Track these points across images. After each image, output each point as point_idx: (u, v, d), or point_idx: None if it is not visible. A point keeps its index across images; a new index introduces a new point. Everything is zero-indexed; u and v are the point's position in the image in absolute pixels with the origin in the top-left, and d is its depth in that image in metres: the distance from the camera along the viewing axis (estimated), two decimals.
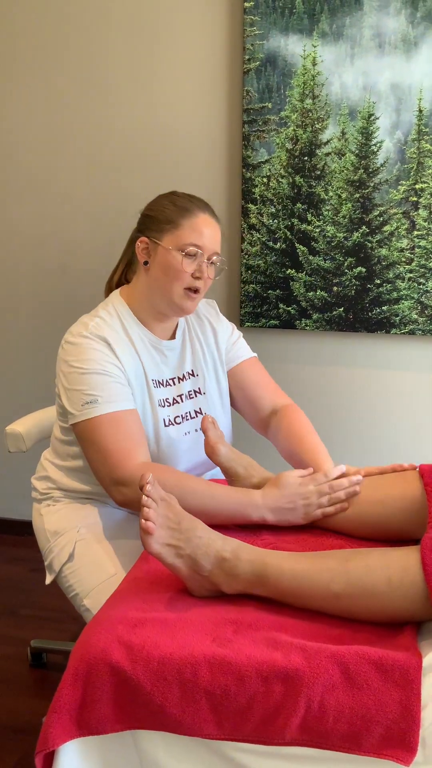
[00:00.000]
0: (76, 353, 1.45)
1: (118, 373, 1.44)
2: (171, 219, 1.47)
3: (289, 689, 0.99)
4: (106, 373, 1.43)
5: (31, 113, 2.30)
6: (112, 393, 1.42)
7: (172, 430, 1.53)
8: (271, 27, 2.04)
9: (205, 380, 1.60)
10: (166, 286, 1.47)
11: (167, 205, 1.50)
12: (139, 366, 1.51)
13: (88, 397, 1.41)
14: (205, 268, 1.47)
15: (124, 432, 1.39)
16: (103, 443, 1.39)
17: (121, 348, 1.47)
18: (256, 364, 1.69)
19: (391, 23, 1.99)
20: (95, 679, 1.03)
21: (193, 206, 1.48)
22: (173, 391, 1.55)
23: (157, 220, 1.49)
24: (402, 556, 1.12)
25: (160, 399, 1.53)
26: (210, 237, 1.47)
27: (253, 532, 1.38)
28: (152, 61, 2.17)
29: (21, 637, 2.09)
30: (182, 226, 1.46)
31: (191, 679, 1.01)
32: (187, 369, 1.59)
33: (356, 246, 2.14)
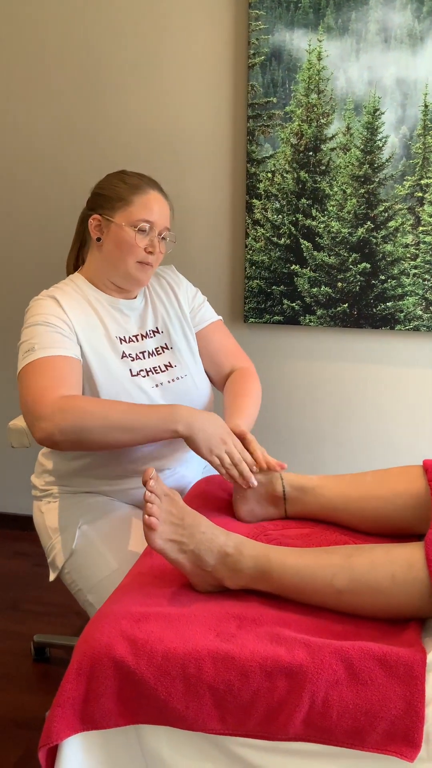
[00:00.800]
0: (28, 314, 1.51)
1: (61, 325, 1.48)
2: (122, 196, 1.52)
3: (292, 685, 0.99)
4: (47, 324, 1.47)
5: (34, 109, 2.29)
6: (48, 340, 1.44)
7: (141, 381, 1.54)
8: (276, 21, 2.03)
9: (171, 336, 1.63)
10: (120, 260, 1.52)
11: (118, 183, 1.54)
12: (97, 322, 1.54)
13: (28, 345, 1.45)
14: (157, 243, 1.52)
15: (51, 374, 1.41)
16: (30, 385, 1.40)
17: (72, 306, 1.51)
18: (220, 327, 1.73)
19: (397, 18, 1.98)
20: (99, 673, 1.03)
21: (143, 184, 1.53)
22: (138, 346, 1.58)
23: (109, 198, 1.53)
24: (406, 552, 1.12)
25: (125, 352, 1.55)
26: (160, 213, 1.52)
27: (257, 528, 1.38)
28: (157, 56, 2.17)
29: (24, 631, 2.09)
30: (133, 203, 1.51)
31: (195, 674, 1.01)
32: (150, 327, 1.62)
33: (361, 242, 2.14)
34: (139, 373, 1.55)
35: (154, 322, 1.63)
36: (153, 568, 1.26)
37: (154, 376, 1.56)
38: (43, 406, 1.35)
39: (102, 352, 1.52)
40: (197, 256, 2.27)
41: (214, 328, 1.71)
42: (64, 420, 1.33)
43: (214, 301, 2.00)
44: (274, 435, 2.37)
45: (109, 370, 1.51)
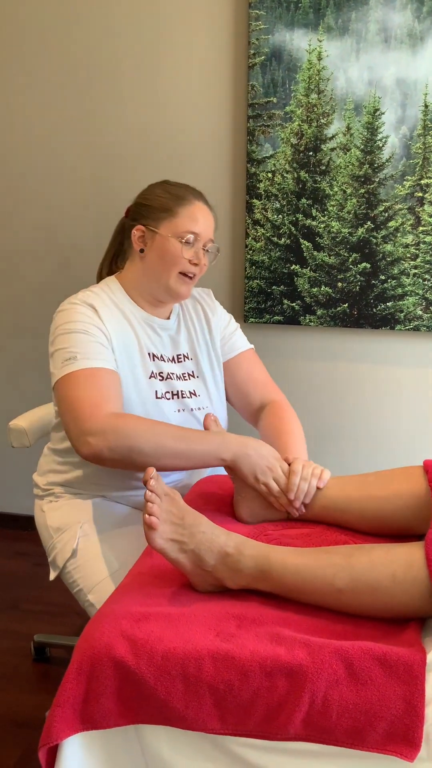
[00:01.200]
0: (62, 318, 1.47)
1: (100, 335, 1.45)
2: (167, 207, 1.49)
3: (292, 684, 0.99)
4: (87, 333, 1.44)
5: (34, 109, 2.30)
6: (91, 351, 1.42)
7: (164, 404, 1.53)
8: (276, 21, 2.03)
9: (200, 364, 1.61)
10: (163, 271, 1.50)
11: (162, 194, 1.52)
12: (132, 336, 1.52)
13: (68, 353, 1.41)
14: (202, 255, 1.51)
15: (98, 386, 1.39)
16: (75, 396, 1.37)
17: (109, 316, 1.49)
18: (251, 357, 1.70)
19: (397, 18, 1.98)
20: (99, 673, 1.03)
21: (188, 194, 1.51)
22: (167, 367, 1.56)
23: (153, 208, 1.51)
24: (406, 551, 1.12)
25: (154, 371, 1.53)
26: (205, 224, 1.51)
27: (257, 528, 1.38)
28: (157, 56, 2.17)
29: (24, 631, 2.09)
30: (179, 214, 1.49)
31: (195, 674, 1.01)
32: (182, 351, 1.60)
33: (361, 242, 2.14)
34: (164, 395, 1.53)
35: (185, 347, 1.61)
36: (153, 567, 1.26)
37: (178, 401, 1.55)
38: (94, 422, 1.33)
39: (132, 368, 1.50)
40: None
41: (243, 358, 1.68)
42: (116, 440, 1.31)
43: None
44: None
45: (137, 388, 1.50)
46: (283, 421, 1.60)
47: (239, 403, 1.69)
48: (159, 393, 1.52)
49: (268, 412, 1.63)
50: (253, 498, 1.42)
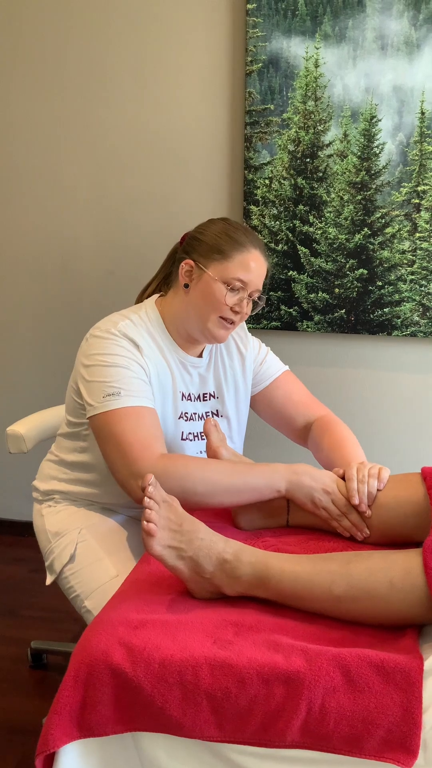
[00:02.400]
0: (101, 347, 1.42)
1: (141, 372, 1.42)
2: (222, 249, 1.44)
3: (290, 692, 0.99)
4: (129, 369, 1.40)
5: (33, 114, 2.30)
6: (134, 388, 1.39)
7: (187, 445, 1.52)
8: (273, 29, 2.04)
9: (225, 404, 1.58)
10: (203, 312, 1.46)
11: (221, 234, 1.46)
12: (167, 374, 1.49)
13: (110, 389, 1.37)
14: (245, 304, 1.46)
15: (143, 426, 1.36)
16: (122, 436, 1.35)
17: (148, 351, 1.45)
18: (286, 380, 1.66)
19: (394, 25, 1.99)
20: (96, 680, 1.03)
21: (246, 241, 1.46)
22: (195, 407, 1.54)
23: (208, 246, 1.46)
24: (404, 558, 1.12)
25: (183, 412, 1.51)
26: (257, 274, 1.46)
27: (255, 535, 1.38)
28: (154, 63, 2.17)
29: (21, 637, 2.09)
30: (232, 259, 1.44)
31: (192, 681, 1.01)
32: (209, 389, 1.57)
33: (358, 248, 2.14)
34: (188, 436, 1.52)
35: (213, 385, 1.58)
36: (151, 574, 1.26)
37: (200, 443, 1.54)
38: (145, 464, 1.31)
39: (164, 406, 1.48)
40: None
41: (279, 384, 1.65)
42: (167, 483, 1.29)
43: None
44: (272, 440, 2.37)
45: (166, 427, 1.48)
46: (334, 433, 1.57)
47: (283, 427, 1.67)
48: (184, 434, 1.51)
49: (315, 429, 1.60)
50: (251, 507, 1.42)
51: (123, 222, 2.30)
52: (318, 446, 1.57)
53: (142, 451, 1.33)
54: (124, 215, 2.30)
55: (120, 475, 1.36)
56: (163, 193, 2.26)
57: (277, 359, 1.69)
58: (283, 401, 1.64)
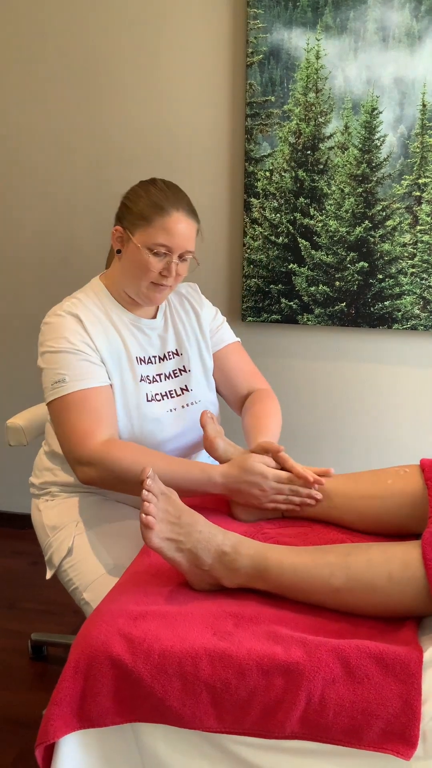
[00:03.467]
0: (49, 332, 1.46)
1: (88, 351, 1.45)
2: (144, 215, 1.44)
3: (289, 683, 0.99)
4: (75, 352, 1.43)
5: (33, 108, 2.29)
6: (80, 371, 1.42)
7: (156, 406, 1.53)
8: (274, 20, 2.03)
9: (189, 359, 1.61)
10: (135, 278, 1.48)
11: (143, 198, 1.46)
12: (119, 342, 1.51)
13: (57, 375, 1.42)
14: (174, 267, 1.46)
15: (89, 410, 1.40)
16: (68, 422, 1.40)
17: (95, 325, 1.48)
18: (237, 349, 1.71)
19: (395, 17, 1.98)
20: (96, 672, 1.03)
21: (167, 204, 1.45)
22: (156, 368, 1.56)
23: (132, 212, 1.47)
24: (403, 551, 1.12)
25: (143, 375, 1.53)
26: (181, 236, 1.45)
27: (254, 527, 1.38)
28: (155, 55, 2.17)
29: (21, 630, 2.09)
30: (154, 224, 1.43)
31: (192, 673, 1.01)
32: (170, 348, 1.60)
33: (359, 241, 2.14)
34: (154, 397, 1.53)
35: (173, 343, 1.60)
36: (150, 566, 1.26)
37: (169, 401, 1.55)
38: (85, 451, 1.36)
39: (121, 374, 1.50)
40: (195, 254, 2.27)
41: (231, 350, 1.69)
42: (105, 470, 1.36)
43: (211, 300, 2.00)
44: None
45: (125, 393, 1.50)
46: (264, 406, 1.61)
47: (227, 393, 1.70)
48: (149, 396, 1.53)
49: (252, 398, 1.65)
50: None
51: None
52: (246, 413, 1.62)
53: (83, 438, 1.37)
54: None
55: (67, 459, 1.42)
56: None
57: (231, 330, 1.73)
58: (233, 367, 1.68)
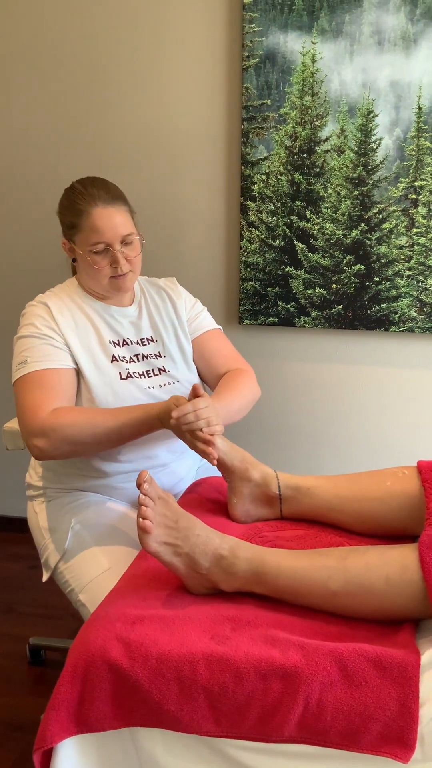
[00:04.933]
0: (22, 322, 1.54)
1: (51, 334, 1.50)
2: (72, 223, 1.52)
3: (287, 687, 0.99)
4: (38, 336, 1.49)
5: (30, 109, 2.29)
6: (40, 353, 1.47)
7: (131, 383, 1.55)
8: (270, 24, 2.04)
9: (165, 344, 1.63)
10: (94, 279, 1.54)
11: (66, 207, 1.54)
12: (88, 326, 1.55)
13: (21, 357, 1.49)
14: (120, 255, 1.49)
15: (43, 388, 1.45)
16: (23, 400, 1.45)
17: (62, 310, 1.54)
18: (218, 335, 1.73)
19: (391, 20, 1.99)
20: (93, 676, 1.03)
21: (83, 204, 1.50)
22: (131, 350, 1.59)
23: (64, 224, 1.56)
24: (400, 554, 1.13)
25: (117, 355, 1.56)
26: (110, 228, 1.49)
27: (252, 529, 1.38)
28: (151, 59, 2.17)
29: (19, 634, 2.09)
30: (82, 228, 1.50)
31: (189, 677, 1.01)
32: (144, 335, 1.63)
33: (355, 243, 2.14)
34: (131, 375, 1.56)
35: (148, 330, 1.64)
36: (148, 570, 1.26)
37: (146, 380, 1.57)
38: (35, 423, 1.41)
39: (93, 356, 1.54)
40: (192, 258, 2.28)
41: (211, 335, 1.71)
42: (56, 436, 1.40)
43: (209, 303, 2.00)
44: (270, 436, 2.37)
45: (100, 372, 1.53)
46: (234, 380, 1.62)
47: (208, 376, 1.71)
48: (123, 374, 1.55)
49: (226, 375, 1.66)
50: (247, 498, 1.42)
51: None
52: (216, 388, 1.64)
53: (34, 411, 1.42)
54: None
55: (22, 436, 1.45)
56: (159, 189, 2.25)
57: (212, 319, 1.75)
58: (213, 352, 1.70)
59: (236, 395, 1.58)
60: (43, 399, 1.43)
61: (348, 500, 1.38)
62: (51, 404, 1.43)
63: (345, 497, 1.39)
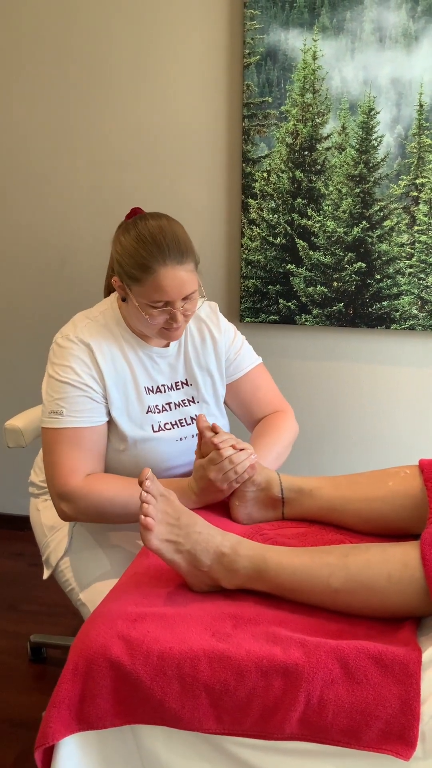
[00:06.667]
0: (59, 357, 1.44)
1: (93, 385, 1.43)
2: (134, 275, 1.39)
3: (288, 684, 0.99)
4: (77, 386, 1.41)
5: (31, 107, 2.29)
6: (78, 407, 1.41)
7: (163, 435, 1.50)
8: (271, 21, 2.03)
9: (200, 389, 1.57)
10: (143, 326, 1.44)
11: (132, 256, 1.39)
12: (127, 373, 1.48)
13: (56, 406, 1.42)
14: (178, 313, 1.40)
15: (78, 448, 1.41)
16: (55, 456, 1.41)
17: (104, 355, 1.45)
18: (257, 374, 1.65)
19: (392, 17, 1.98)
20: (95, 673, 1.03)
21: (152, 261, 1.37)
22: (165, 398, 1.53)
23: (123, 270, 1.41)
24: (402, 551, 1.12)
25: (151, 405, 1.50)
26: (175, 288, 1.38)
27: (253, 528, 1.38)
28: (152, 56, 2.17)
29: (21, 631, 2.09)
30: (145, 284, 1.38)
31: (191, 674, 1.01)
32: (180, 378, 1.55)
33: (356, 241, 2.14)
34: (163, 427, 1.51)
35: (184, 373, 1.55)
36: (149, 568, 1.26)
37: (176, 430, 1.52)
38: (67, 486, 1.38)
39: (128, 405, 1.48)
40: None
41: (249, 377, 1.63)
42: (84, 504, 1.38)
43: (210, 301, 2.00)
44: None
45: (134, 426, 1.48)
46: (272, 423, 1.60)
47: (243, 417, 1.67)
48: (155, 426, 1.50)
49: (264, 419, 1.63)
50: (249, 500, 1.42)
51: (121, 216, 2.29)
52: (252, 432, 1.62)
53: (68, 473, 1.39)
54: (123, 210, 2.29)
55: (50, 490, 1.43)
56: (160, 187, 2.25)
57: (252, 350, 1.67)
58: (249, 395, 1.64)
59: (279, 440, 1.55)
60: (77, 461, 1.40)
61: (350, 501, 1.38)
62: (85, 468, 1.40)
63: (347, 498, 1.38)
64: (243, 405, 1.64)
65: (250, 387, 1.63)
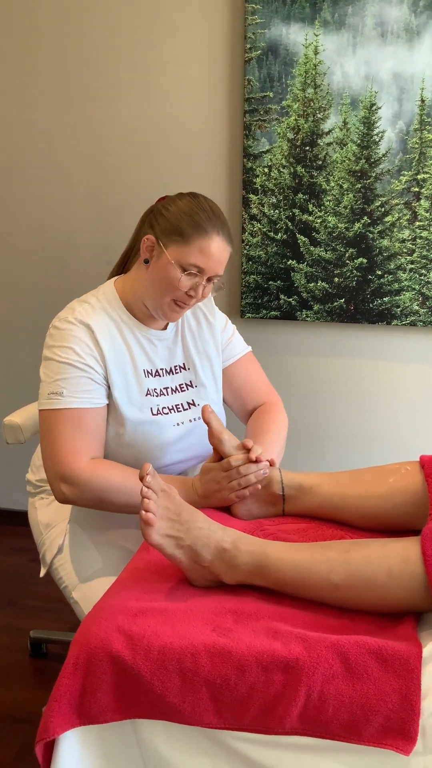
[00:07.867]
0: (59, 339, 1.42)
1: (94, 365, 1.41)
2: (183, 231, 1.38)
3: (289, 679, 0.99)
4: (79, 366, 1.39)
5: (30, 100, 2.29)
6: (79, 387, 1.39)
7: (162, 419, 1.49)
8: (272, 15, 2.03)
9: (197, 373, 1.56)
10: (158, 292, 1.43)
11: (184, 214, 1.40)
12: (126, 355, 1.47)
13: (56, 386, 1.39)
14: (201, 289, 1.42)
15: (79, 430, 1.38)
16: (56, 437, 1.37)
17: (105, 336, 1.44)
18: (246, 362, 1.66)
19: (394, 12, 1.98)
20: (95, 668, 1.03)
21: (209, 225, 1.39)
22: (163, 381, 1.52)
23: (170, 225, 1.40)
24: (402, 547, 1.12)
25: (150, 388, 1.49)
26: (217, 261, 1.40)
27: (254, 523, 1.38)
28: (153, 51, 2.16)
29: (21, 627, 2.09)
30: (192, 244, 1.38)
31: (191, 669, 1.01)
32: (178, 362, 1.55)
33: (357, 237, 2.14)
34: (162, 410, 1.50)
35: (182, 357, 1.55)
36: (150, 563, 1.26)
37: (174, 415, 1.51)
38: (70, 469, 1.35)
39: (127, 388, 1.47)
40: None
41: (240, 364, 1.64)
42: (89, 491, 1.36)
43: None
44: None
45: (132, 406, 1.46)
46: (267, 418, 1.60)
47: (235, 407, 1.67)
48: (154, 410, 1.49)
49: (257, 412, 1.63)
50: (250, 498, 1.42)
51: (121, 211, 2.29)
52: (249, 427, 1.61)
53: (72, 456, 1.36)
54: (123, 204, 2.29)
55: (49, 473, 1.39)
56: (161, 182, 2.24)
57: (242, 339, 1.68)
58: (241, 383, 1.64)
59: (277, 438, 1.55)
60: (81, 444, 1.37)
61: (350, 497, 1.38)
62: (89, 451, 1.38)
63: (347, 494, 1.38)
64: (236, 392, 1.65)
65: (243, 373, 1.65)
